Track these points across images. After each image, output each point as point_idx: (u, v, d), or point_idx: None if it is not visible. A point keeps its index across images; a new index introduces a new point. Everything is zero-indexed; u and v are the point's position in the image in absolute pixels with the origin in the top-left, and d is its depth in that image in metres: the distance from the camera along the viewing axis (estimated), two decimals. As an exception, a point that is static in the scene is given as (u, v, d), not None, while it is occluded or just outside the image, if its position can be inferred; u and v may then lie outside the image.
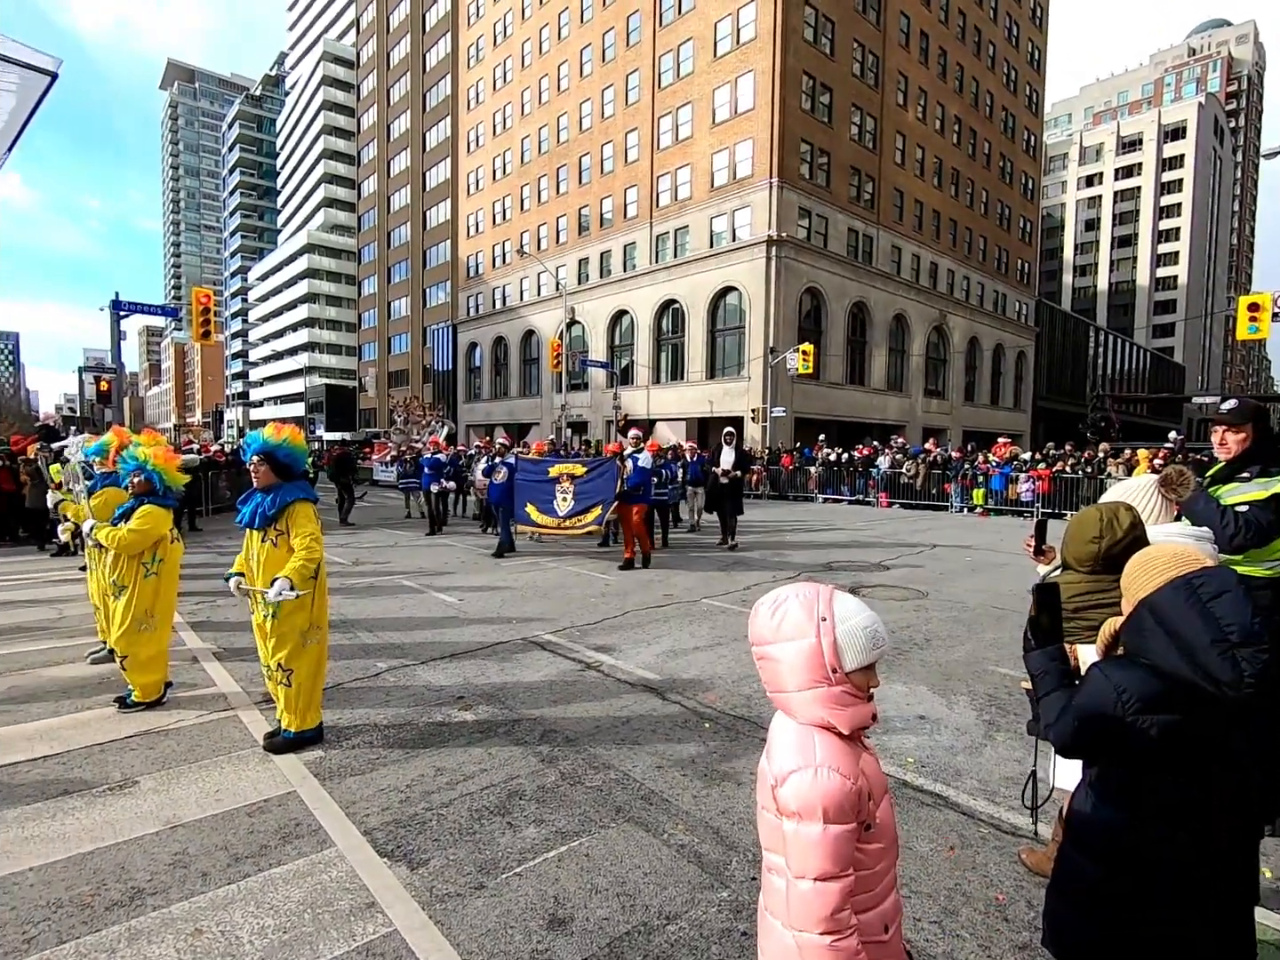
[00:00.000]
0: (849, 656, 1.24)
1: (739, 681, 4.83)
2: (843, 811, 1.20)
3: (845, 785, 1.21)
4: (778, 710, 1.37)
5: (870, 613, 1.29)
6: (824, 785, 1.20)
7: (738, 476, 11.10)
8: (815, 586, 1.32)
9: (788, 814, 1.23)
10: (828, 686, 1.24)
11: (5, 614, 6.72)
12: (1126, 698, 1.34)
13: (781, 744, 1.29)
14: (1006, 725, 4.11)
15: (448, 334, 48.36)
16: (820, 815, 1.19)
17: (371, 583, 8.35)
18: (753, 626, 1.34)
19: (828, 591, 1.29)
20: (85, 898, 2.49)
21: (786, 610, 1.28)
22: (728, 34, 28.58)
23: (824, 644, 1.24)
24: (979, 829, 3.00)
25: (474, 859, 2.73)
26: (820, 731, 1.26)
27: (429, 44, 51.79)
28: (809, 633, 1.25)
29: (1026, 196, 44.07)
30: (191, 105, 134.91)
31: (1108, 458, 16.69)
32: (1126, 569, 1.57)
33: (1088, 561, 2.21)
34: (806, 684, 1.25)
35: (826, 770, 1.21)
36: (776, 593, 1.33)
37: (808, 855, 1.20)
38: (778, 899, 1.29)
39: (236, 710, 4.27)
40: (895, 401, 34.03)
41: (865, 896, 1.27)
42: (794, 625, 1.26)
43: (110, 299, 15.99)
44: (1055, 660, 1.61)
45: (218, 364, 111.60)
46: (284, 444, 3.69)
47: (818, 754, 1.23)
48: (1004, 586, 8.24)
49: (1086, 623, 2.14)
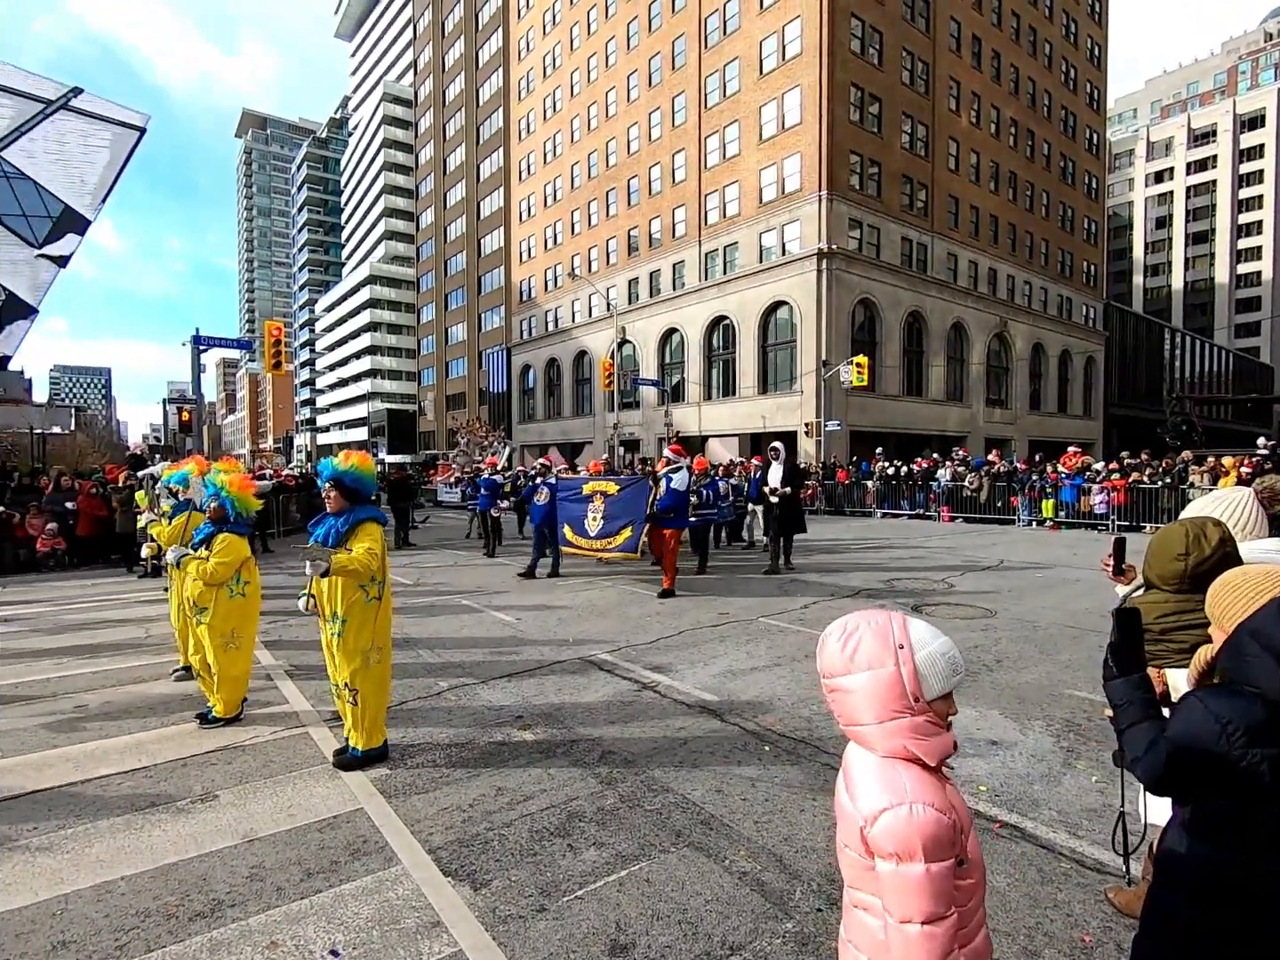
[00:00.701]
0: (930, 684, 1.20)
1: (798, 703, 4.72)
2: (942, 847, 1.15)
3: (941, 820, 1.16)
4: (851, 743, 1.33)
5: (946, 638, 1.25)
6: (920, 822, 1.15)
7: (788, 494, 10.27)
8: (885, 613, 1.27)
9: (883, 855, 1.17)
10: (910, 717, 1.20)
11: (98, 632, 7.17)
12: (1232, 729, 1.25)
13: (865, 780, 1.24)
14: (1087, 753, 3.89)
15: (502, 357, 49.56)
16: (920, 855, 1.14)
17: (432, 602, 8.56)
18: (822, 658, 1.30)
19: (900, 617, 1.25)
20: (170, 908, 2.61)
21: (860, 639, 1.23)
22: (773, 51, 28.69)
23: (903, 672, 1.20)
24: (1060, 864, 2.84)
25: (535, 881, 2.74)
26: (905, 765, 1.21)
27: (482, 79, 53.83)
28: (886, 661, 1.20)
29: (1090, 196, 42.42)
30: (264, 150, 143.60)
31: (1190, 466, 15.73)
32: (1214, 590, 1.48)
33: (1173, 580, 2.08)
34: (886, 715, 1.21)
35: (921, 806, 1.16)
36: (844, 621, 1.29)
37: (911, 898, 1.15)
38: (865, 936, 1.25)
39: (307, 727, 4.42)
40: (955, 412, 33.02)
41: (960, 934, 1.22)
42: (869, 654, 1.22)
43: (191, 335, 17.05)
44: (1139, 689, 1.52)
45: (287, 392, 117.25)
46: (352, 470, 3.84)
47: (908, 790, 1.18)
48: (1078, 604, 7.84)
49: (1174, 645, 2.02)
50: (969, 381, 33.70)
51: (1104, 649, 1.62)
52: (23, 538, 11.96)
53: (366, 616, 3.71)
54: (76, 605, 8.76)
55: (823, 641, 1.30)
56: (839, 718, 1.30)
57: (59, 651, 6.42)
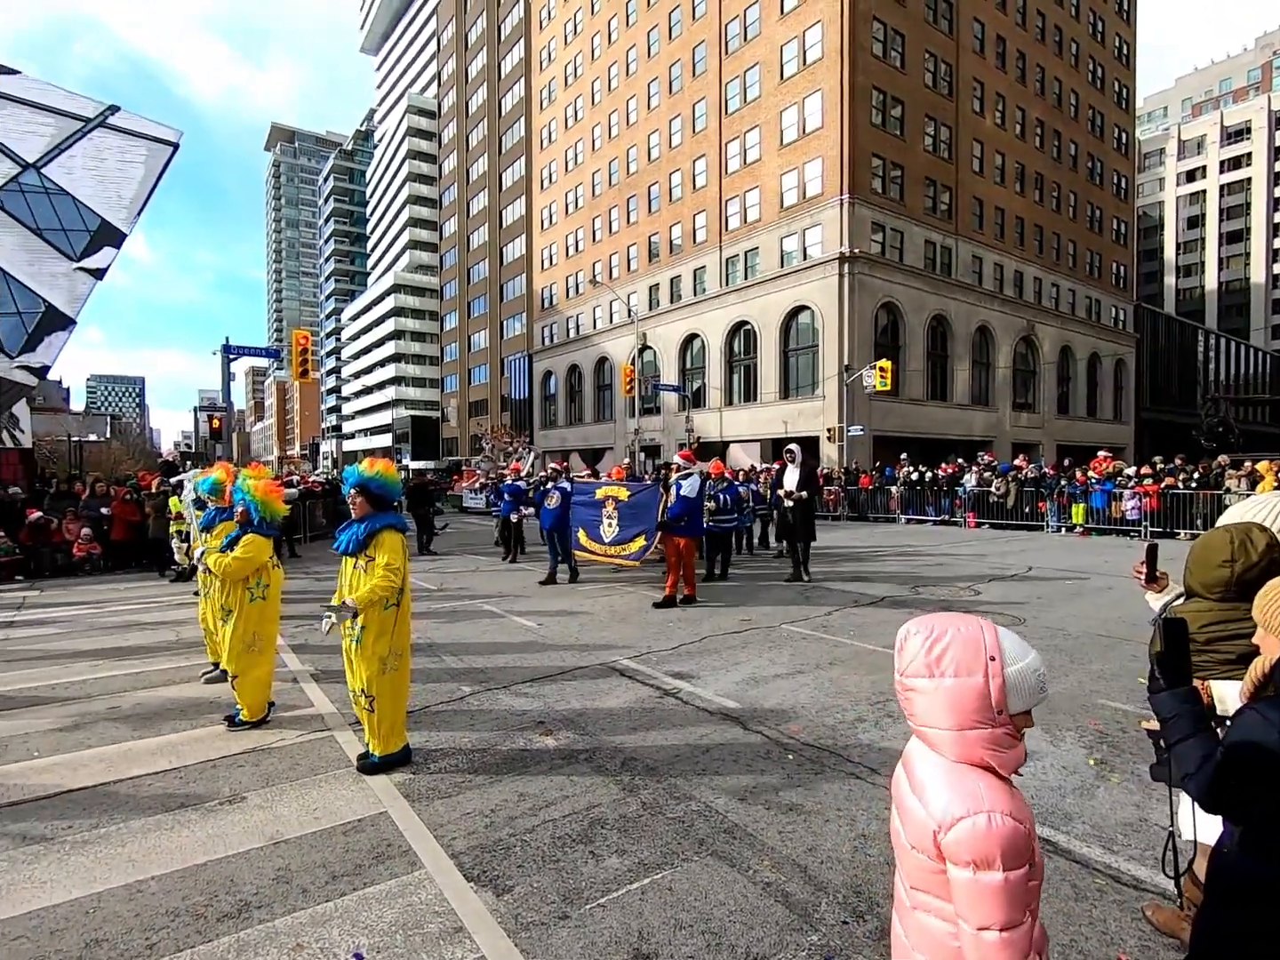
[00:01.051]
0: (1017, 699, 1.19)
1: (822, 711, 4.67)
2: (1019, 856, 1.15)
3: (1019, 829, 1.15)
4: (915, 742, 1.31)
5: (1035, 654, 1.24)
6: (1000, 832, 1.14)
7: (803, 498, 9.86)
8: (976, 621, 1.25)
9: (959, 863, 1.17)
10: (990, 728, 1.19)
11: (130, 635, 7.33)
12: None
13: (935, 784, 1.23)
14: (1121, 766, 3.79)
15: (524, 364, 49.93)
16: (999, 863, 1.14)
17: (454, 607, 8.62)
18: (902, 656, 1.28)
19: (991, 627, 1.23)
20: (199, 908, 2.64)
21: (948, 645, 1.22)
22: (794, 56, 28.64)
23: (991, 685, 1.18)
24: (1094, 879, 2.76)
25: (557, 887, 2.73)
26: (979, 771, 1.20)
27: (504, 90, 54.49)
28: (975, 671, 1.19)
29: (1120, 197, 41.66)
30: (292, 163, 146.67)
31: (1226, 470, 15.31)
32: (1265, 596, 1.43)
33: (1218, 588, 2.02)
34: (967, 724, 1.19)
35: (1000, 816, 1.15)
36: (929, 622, 1.27)
37: (990, 905, 1.14)
38: (927, 939, 1.25)
39: (332, 731, 4.47)
40: (981, 416, 32.54)
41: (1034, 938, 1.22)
42: (957, 661, 1.20)
43: (221, 344, 17.41)
44: (1188, 703, 1.47)
45: (314, 400, 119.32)
46: (376, 476, 3.89)
47: (985, 798, 1.17)
48: (1110, 613, 7.65)
49: (1219, 656, 1.95)
50: (995, 385, 33.20)
51: (1136, 659, 1.57)
52: (60, 542, 12.29)
53: (385, 624, 3.74)
54: (110, 608, 8.96)
55: (903, 638, 1.29)
56: (910, 717, 1.28)
57: (93, 654, 6.57)
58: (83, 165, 15.28)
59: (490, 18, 56.48)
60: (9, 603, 9.53)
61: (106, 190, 15.00)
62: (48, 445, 34.12)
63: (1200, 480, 15.25)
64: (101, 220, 14.98)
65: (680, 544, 8.58)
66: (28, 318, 14.47)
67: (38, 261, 14.65)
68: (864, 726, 4.40)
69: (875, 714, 4.62)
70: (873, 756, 3.93)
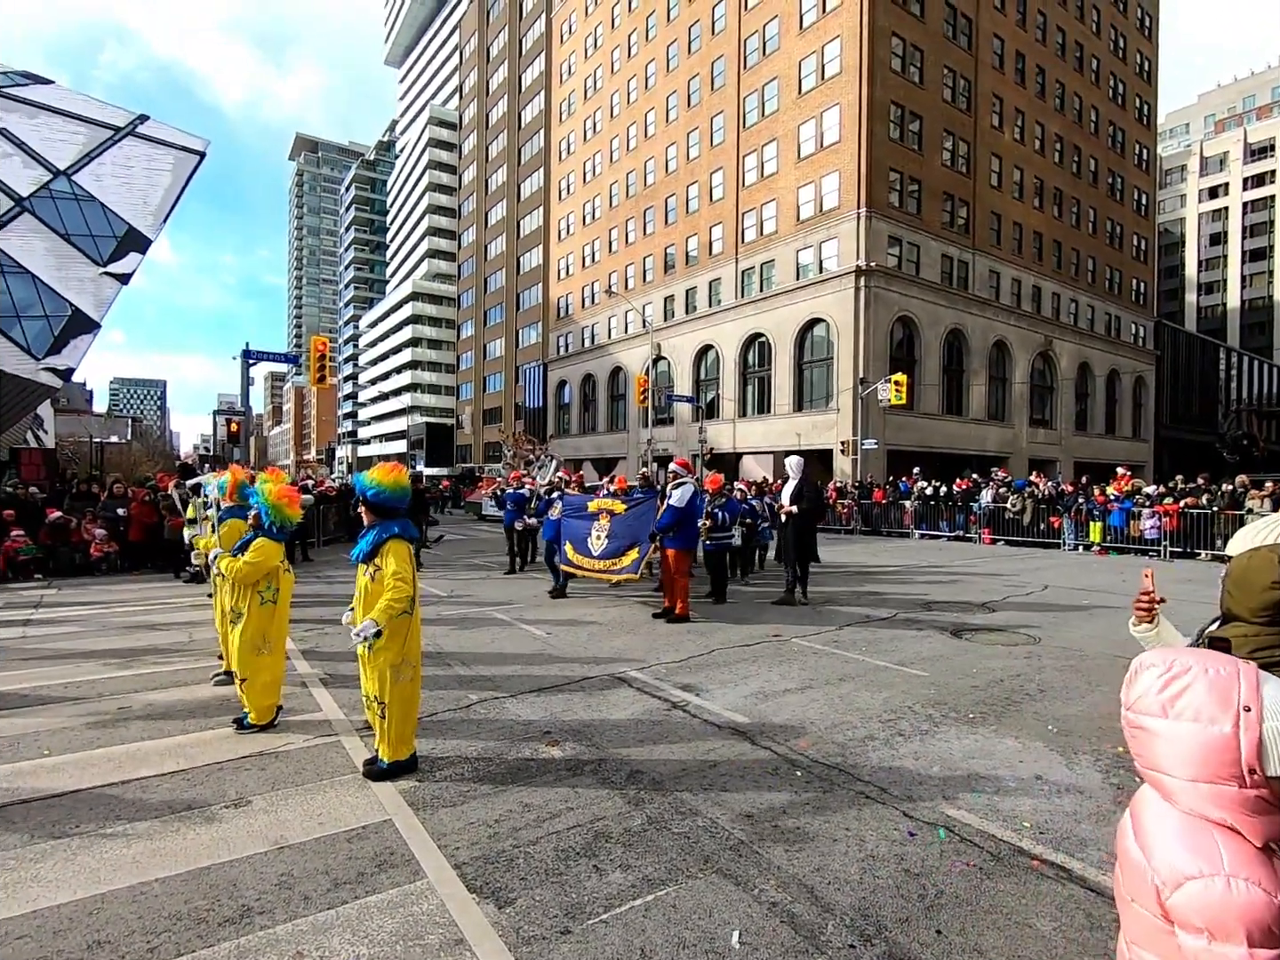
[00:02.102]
0: (1276, 761, 1.00)
1: (832, 728, 4.61)
2: (1271, 935, 0.98)
3: (1271, 903, 0.98)
4: (1145, 787, 1.17)
5: None
6: (1241, 902, 0.98)
7: (793, 513, 9.22)
8: (1233, 662, 1.09)
9: (1189, 929, 1.03)
10: (1237, 788, 1.02)
11: (143, 636, 7.39)
12: None
13: (1163, 836, 1.09)
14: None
15: (539, 372, 50.21)
16: (1242, 938, 0.98)
17: (464, 614, 8.62)
18: (1132, 689, 1.14)
19: (1252, 672, 1.06)
20: (201, 912, 2.64)
21: (1189, 685, 1.07)
22: (812, 71, 28.78)
23: (1243, 740, 1.01)
24: (1110, 909, 2.68)
25: (560, 901, 2.70)
26: (1221, 830, 1.04)
27: (524, 102, 55.19)
28: (1222, 721, 1.02)
29: (1140, 213, 41.36)
30: (315, 172, 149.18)
31: (1248, 490, 15.05)
32: None
33: (1266, 611, 1.96)
34: (1204, 778, 1.04)
35: (1242, 884, 0.99)
36: (1170, 657, 1.11)
37: None
38: None
39: (339, 736, 4.47)
40: (996, 432, 32.26)
41: None
42: (1198, 707, 1.05)
43: (241, 349, 17.66)
44: None
45: (331, 405, 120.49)
46: (374, 485, 3.86)
47: (1225, 861, 1.02)
48: (1127, 633, 7.50)
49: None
50: (1011, 401, 32.93)
51: None
52: (78, 542, 12.45)
53: (397, 631, 3.74)
54: (124, 609, 9.05)
55: (1135, 670, 1.14)
56: (1136, 757, 1.12)
57: (105, 653, 6.63)
58: (112, 172, 15.61)
59: (512, 32, 57.31)
60: (27, 601, 9.66)
61: (134, 197, 15.33)
62: (70, 446, 34.69)
63: (1222, 499, 15.00)
64: (128, 226, 15.31)
65: (669, 555, 8.26)
66: (54, 321, 14.80)
67: (65, 266, 14.94)
68: (874, 744, 4.33)
69: (886, 732, 4.55)
70: (883, 775, 3.86)
